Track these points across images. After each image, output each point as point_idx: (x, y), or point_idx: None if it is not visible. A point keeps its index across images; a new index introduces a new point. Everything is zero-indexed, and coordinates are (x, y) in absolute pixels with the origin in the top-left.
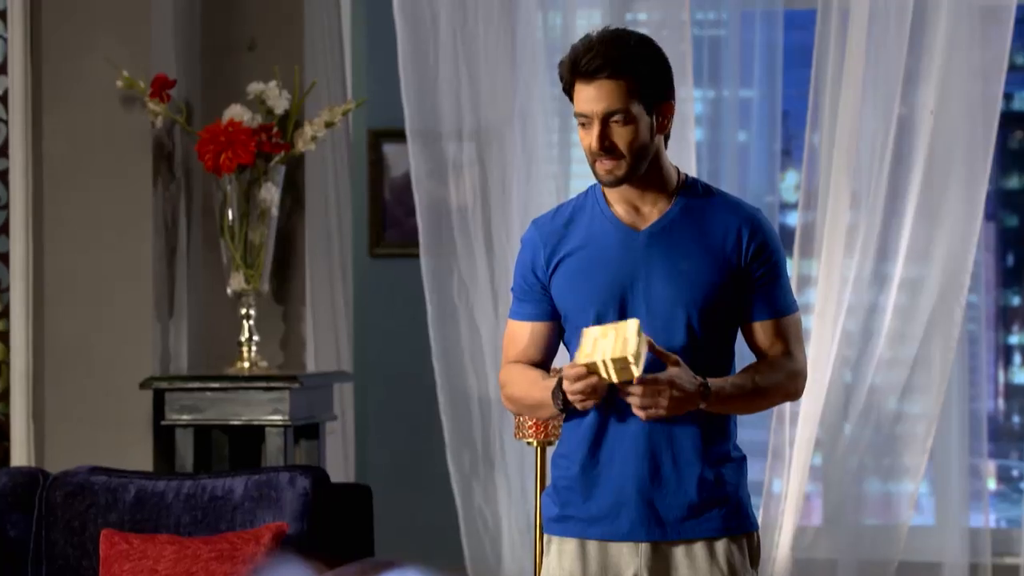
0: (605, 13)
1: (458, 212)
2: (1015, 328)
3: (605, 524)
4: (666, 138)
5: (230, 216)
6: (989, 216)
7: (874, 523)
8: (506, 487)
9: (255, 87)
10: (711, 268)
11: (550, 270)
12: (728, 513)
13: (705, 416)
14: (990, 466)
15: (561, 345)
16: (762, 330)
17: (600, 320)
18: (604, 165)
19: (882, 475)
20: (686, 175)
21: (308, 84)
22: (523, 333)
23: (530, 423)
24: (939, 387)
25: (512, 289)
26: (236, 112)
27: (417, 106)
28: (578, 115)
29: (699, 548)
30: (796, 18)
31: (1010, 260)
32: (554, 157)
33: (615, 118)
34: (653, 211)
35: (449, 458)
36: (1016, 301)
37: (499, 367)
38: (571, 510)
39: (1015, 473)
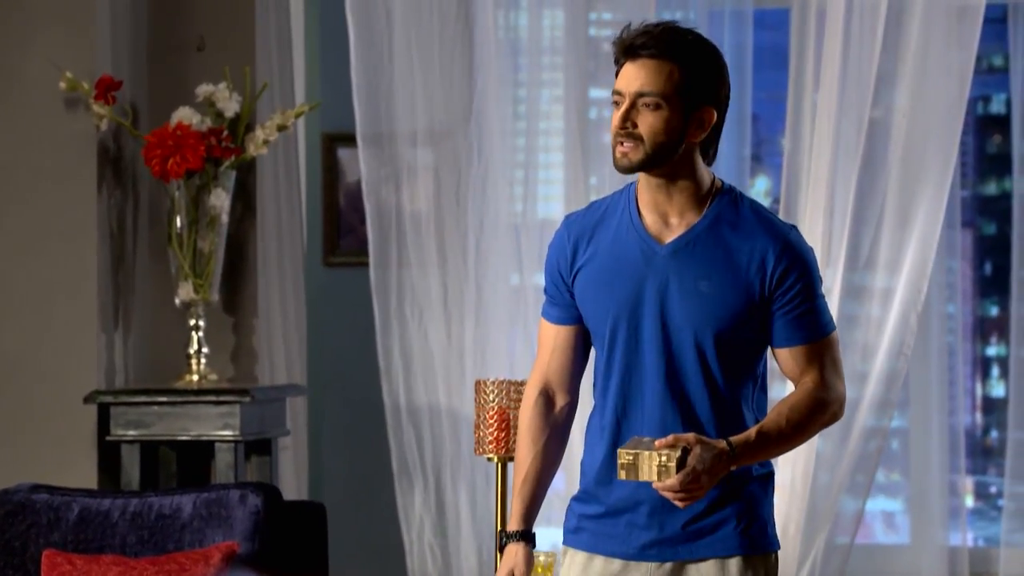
0: (568, 13)
1: (411, 220)
2: (993, 339)
3: (616, 543)
4: (710, 151)
5: (178, 223)
6: (966, 223)
7: (846, 541)
8: (454, 508)
9: (204, 89)
10: (732, 292)
11: (573, 272)
12: (744, 531)
13: (728, 434)
14: (968, 483)
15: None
16: (792, 356)
17: (615, 334)
18: (621, 148)
19: (855, 492)
20: (722, 183)
21: (259, 86)
22: (551, 336)
23: (490, 437)
24: (913, 401)
25: (544, 288)
26: (184, 115)
27: (369, 109)
28: (614, 94)
29: (709, 567)
30: (765, 18)
31: (988, 269)
32: (519, 163)
33: (645, 100)
34: (681, 223)
35: (396, 484)
36: (994, 311)
37: (453, 385)
38: (585, 524)
39: (993, 490)
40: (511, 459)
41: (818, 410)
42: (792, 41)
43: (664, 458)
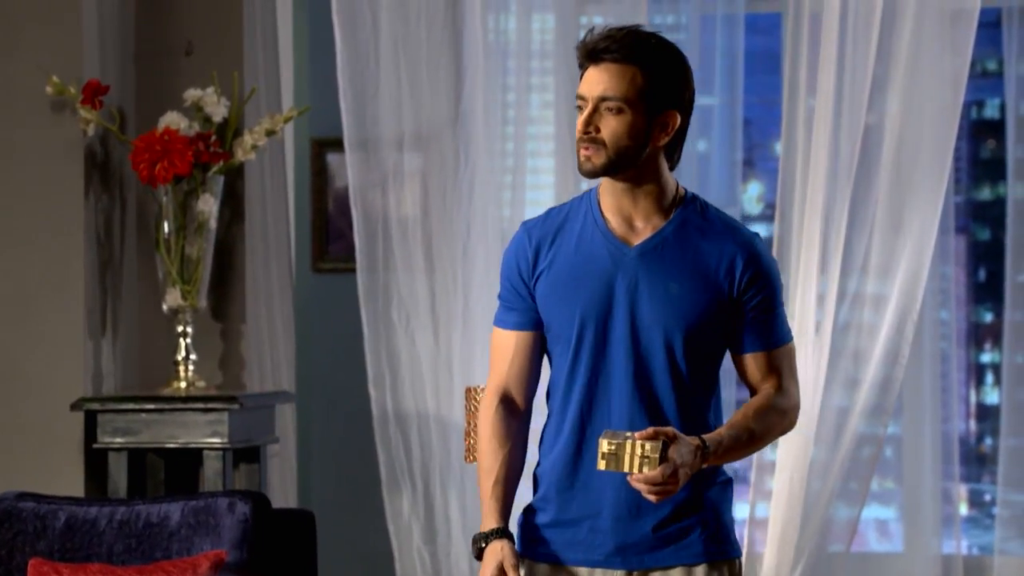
0: (558, 16)
1: (398, 226)
2: (987, 346)
3: (580, 550)
4: (674, 155)
5: (166, 229)
6: (960, 229)
7: (840, 549)
8: (444, 515)
9: (192, 93)
10: (701, 293)
11: (535, 275)
12: (709, 538)
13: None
14: (962, 490)
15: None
16: (754, 362)
17: (582, 334)
18: (585, 151)
19: (849, 499)
20: (685, 190)
21: (248, 91)
22: (508, 343)
23: None
24: (906, 408)
25: (498, 296)
26: (172, 120)
27: (356, 114)
28: (577, 99)
29: (676, 575)
30: (758, 22)
31: (982, 274)
32: (508, 167)
33: (608, 104)
34: (647, 226)
35: (384, 492)
36: (988, 318)
37: (441, 391)
38: (546, 533)
39: (987, 498)
40: None
41: (779, 415)
42: (785, 45)
43: (648, 448)
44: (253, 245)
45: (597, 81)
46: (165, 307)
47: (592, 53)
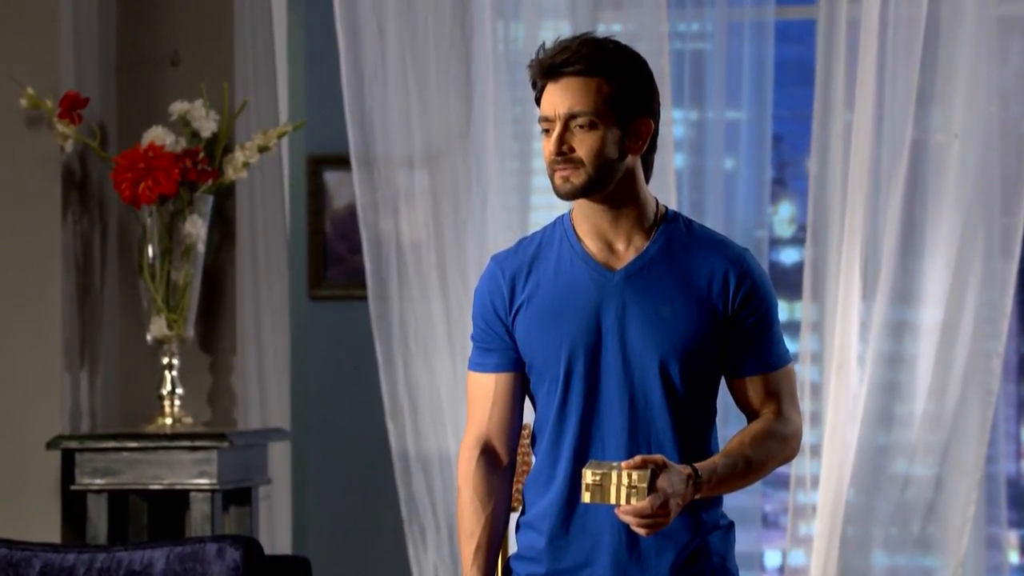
0: (574, 23)
1: (411, 248)
2: None
3: None
4: (648, 167)
5: (150, 253)
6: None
7: None
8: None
9: (179, 107)
10: (694, 314)
11: (513, 311)
12: None
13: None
14: (1011, 537)
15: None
16: (752, 387)
17: (571, 369)
18: (562, 172)
19: (890, 547)
20: (666, 208)
21: (239, 103)
22: (487, 387)
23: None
24: (960, 448)
25: (472, 337)
26: (157, 135)
27: (362, 129)
28: (541, 120)
29: None
30: (789, 29)
31: None
32: (512, 187)
33: (578, 121)
34: (629, 248)
35: (407, 531)
36: None
37: (462, 423)
38: None
39: None
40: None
41: (779, 443)
42: (818, 55)
43: (635, 478)
44: (244, 270)
45: (562, 98)
46: (149, 337)
47: (550, 69)
